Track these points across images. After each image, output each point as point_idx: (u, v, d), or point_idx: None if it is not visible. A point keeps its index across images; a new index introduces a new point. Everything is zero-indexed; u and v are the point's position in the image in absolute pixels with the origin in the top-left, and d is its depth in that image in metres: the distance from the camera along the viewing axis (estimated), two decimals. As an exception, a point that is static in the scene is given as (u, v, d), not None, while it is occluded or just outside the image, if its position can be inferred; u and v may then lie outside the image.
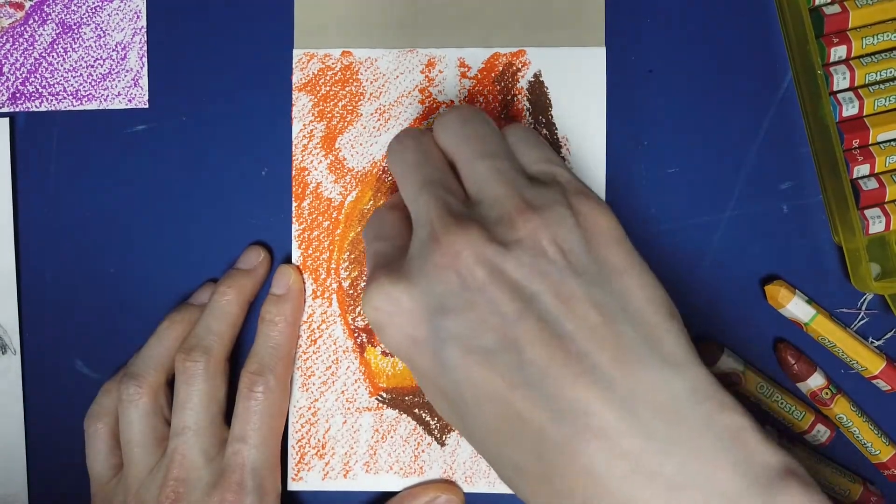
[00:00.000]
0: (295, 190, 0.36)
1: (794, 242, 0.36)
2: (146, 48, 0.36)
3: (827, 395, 0.35)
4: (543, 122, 0.35)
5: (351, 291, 0.36)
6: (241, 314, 0.35)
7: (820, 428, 0.36)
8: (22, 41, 0.37)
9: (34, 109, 0.37)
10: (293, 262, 0.36)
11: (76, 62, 0.37)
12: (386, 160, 0.31)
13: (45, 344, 0.37)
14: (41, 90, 0.37)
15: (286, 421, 0.35)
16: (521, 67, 0.36)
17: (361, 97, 0.36)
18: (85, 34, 0.37)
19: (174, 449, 0.33)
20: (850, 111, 0.34)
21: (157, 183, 0.37)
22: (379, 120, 0.36)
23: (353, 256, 0.36)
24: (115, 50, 0.37)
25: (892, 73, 0.35)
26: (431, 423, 0.35)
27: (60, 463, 0.37)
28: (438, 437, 0.35)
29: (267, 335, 0.34)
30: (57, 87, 0.37)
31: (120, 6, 0.37)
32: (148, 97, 0.37)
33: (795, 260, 0.36)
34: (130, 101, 0.37)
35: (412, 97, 0.36)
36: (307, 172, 0.36)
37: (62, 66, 0.37)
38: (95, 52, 0.37)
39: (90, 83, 0.37)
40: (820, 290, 0.36)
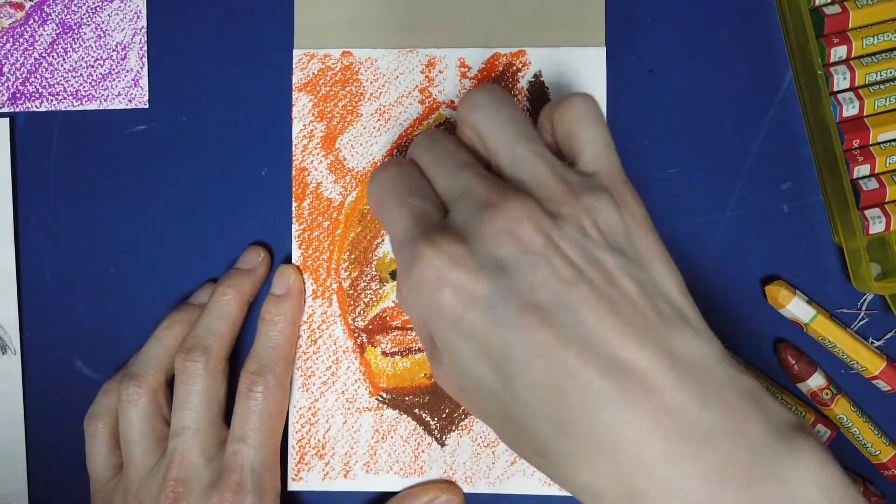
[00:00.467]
0: (295, 190, 0.36)
1: (794, 242, 0.36)
2: (146, 48, 0.37)
3: (827, 395, 0.35)
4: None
5: (351, 291, 0.36)
6: (240, 314, 0.35)
7: (820, 428, 0.36)
8: (22, 41, 0.37)
9: (34, 109, 0.37)
10: (293, 262, 0.36)
11: (76, 62, 0.37)
12: (410, 147, 0.31)
13: (45, 344, 0.37)
14: (41, 90, 0.37)
15: (286, 421, 0.35)
16: (521, 68, 0.36)
17: (361, 97, 0.36)
18: (85, 34, 0.37)
19: (174, 449, 0.33)
20: (850, 111, 0.34)
21: (157, 183, 0.37)
22: (379, 120, 0.36)
23: (353, 257, 0.36)
24: (115, 50, 0.37)
25: (892, 73, 0.35)
26: (432, 423, 0.35)
27: (60, 463, 0.37)
28: (438, 437, 0.35)
29: (267, 335, 0.34)
30: (57, 87, 0.37)
31: (120, 6, 0.37)
32: (148, 97, 0.37)
33: (796, 260, 0.36)
34: (130, 101, 0.37)
35: (412, 97, 0.36)
36: (307, 172, 0.36)
37: (62, 66, 0.37)
38: (95, 52, 0.37)
39: (90, 83, 0.37)
40: (820, 290, 0.36)
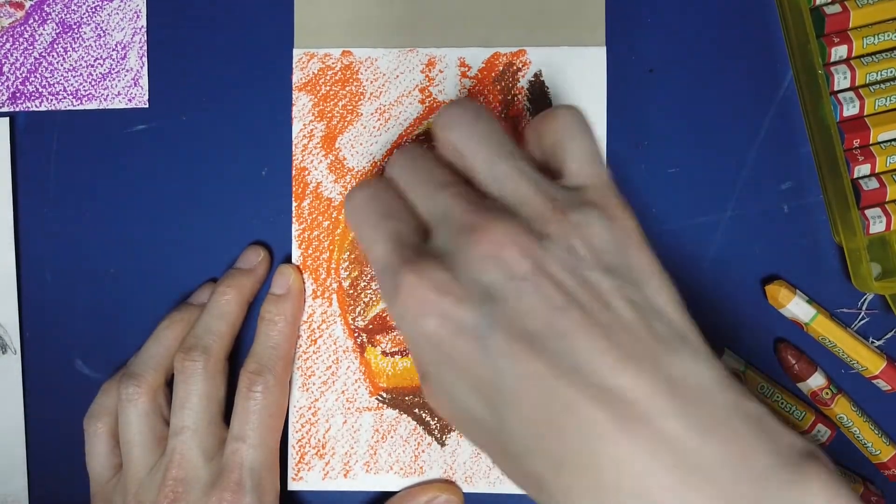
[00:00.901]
0: (295, 190, 0.36)
1: (794, 242, 0.36)
2: (146, 48, 0.36)
3: (827, 395, 0.35)
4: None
5: (351, 291, 0.36)
6: (240, 314, 0.35)
7: (820, 428, 0.36)
8: (22, 41, 0.37)
9: (34, 109, 0.37)
10: (293, 261, 0.36)
11: (76, 62, 0.37)
12: (387, 166, 0.30)
13: (45, 344, 0.37)
14: (41, 90, 0.37)
15: (286, 421, 0.35)
16: (521, 67, 0.36)
17: (361, 97, 0.36)
18: (85, 34, 0.37)
19: (173, 448, 0.33)
20: (850, 111, 0.34)
21: (157, 183, 0.36)
22: (379, 120, 0.36)
23: (353, 256, 0.36)
24: (115, 49, 0.37)
25: (892, 72, 0.35)
26: (432, 423, 0.35)
27: (60, 463, 0.37)
28: (438, 437, 0.35)
29: (266, 335, 0.34)
30: (57, 86, 0.37)
31: (120, 6, 0.37)
32: (148, 97, 0.37)
33: (796, 260, 0.36)
34: (130, 100, 0.37)
35: (412, 97, 0.36)
36: (307, 172, 0.36)
37: (62, 65, 0.37)
38: (95, 51, 0.37)
39: (90, 83, 0.37)
40: (820, 289, 0.36)
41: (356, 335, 0.36)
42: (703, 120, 0.36)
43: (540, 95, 0.36)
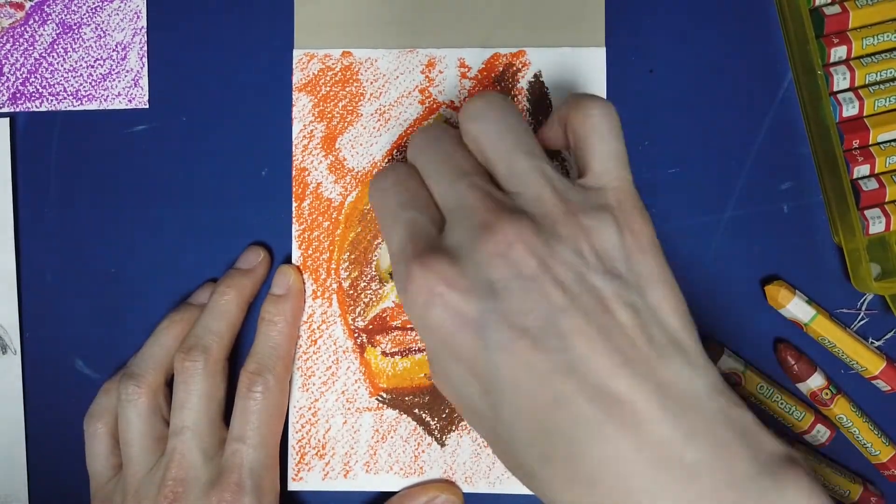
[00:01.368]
0: (295, 190, 0.36)
1: (794, 243, 0.36)
2: (146, 48, 0.37)
3: (827, 395, 0.35)
4: (544, 122, 0.35)
5: (351, 292, 0.36)
6: (240, 314, 0.35)
7: (820, 428, 0.36)
8: (22, 41, 0.37)
9: (34, 109, 0.37)
10: (293, 262, 0.36)
11: (76, 62, 0.37)
12: (409, 145, 0.30)
13: (45, 344, 0.37)
14: (41, 90, 0.37)
15: (286, 421, 0.35)
16: (521, 68, 0.36)
17: (361, 97, 0.36)
18: (85, 34, 0.37)
19: (173, 448, 0.33)
20: (850, 111, 0.34)
21: (157, 183, 0.37)
22: (379, 120, 0.36)
23: (353, 257, 0.36)
24: (115, 50, 0.37)
25: (892, 73, 0.35)
26: (432, 423, 0.35)
27: (60, 463, 0.37)
28: (438, 437, 0.35)
29: (266, 335, 0.34)
30: (57, 87, 0.37)
31: (120, 6, 0.37)
32: (148, 97, 0.37)
33: (795, 260, 0.36)
34: (130, 101, 0.37)
35: (412, 97, 0.36)
36: (307, 173, 0.36)
37: (62, 66, 0.37)
38: (96, 52, 0.37)
39: (90, 83, 0.37)
40: (820, 290, 0.36)
41: (356, 335, 0.36)
42: (703, 120, 0.36)
43: (540, 96, 0.36)
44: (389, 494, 0.35)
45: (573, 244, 0.25)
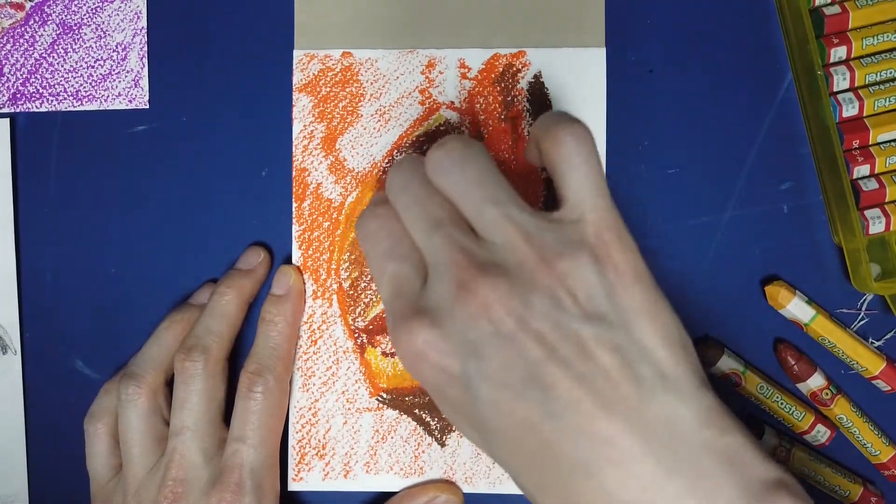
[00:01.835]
0: (295, 190, 0.36)
1: (794, 243, 0.36)
2: (146, 49, 0.37)
3: (827, 395, 0.35)
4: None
5: (351, 292, 0.36)
6: (240, 314, 0.35)
7: (820, 428, 0.36)
8: (22, 42, 0.37)
9: (34, 110, 0.37)
10: (293, 262, 0.36)
11: (76, 63, 0.37)
12: (386, 183, 0.30)
13: (45, 344, 0.37)
14: (41, 91, 0.37)
15: (286, 421, 0.35)
16: (521, 68, 0.36)
17: (362, 98, 0.36)
18: (85, 35, 0.37)
19: (173, 449, 0.33)
20: (850, 112, 0.34)
21: (157, 184, 0.37)
22: (379, 121, 0.36)
23: (353, 257, 0.36)
24: (115, 50, 0.37)
25: (892, 73, 0.35)
26: (432, 423, 0.35)
27: (60, 463, 0.37)
28: (439, 437, 0.35)
29: (266, 335, 0.34)
30: (57, 87, 0.37)
31: (120, 7, 0.37)
32: (148, 98, 0.37)
33: (795, 260, 0.36)
34: (131, 101, 0.37)
35: (412, 98, 0.36)
36: (307, 173, 0.36)
37: (63, 66, 0.37)
38: (96, 52, 0.37)
39: (90, 84, 0.37)
40: (820, 290, 0.36)
41: (356, 336, 0.36)
42: (703, 120, 0.36)
43: (540, 97, 0.36)
44: (389, 495, 0.35)
45: (550, 293, 0.25)
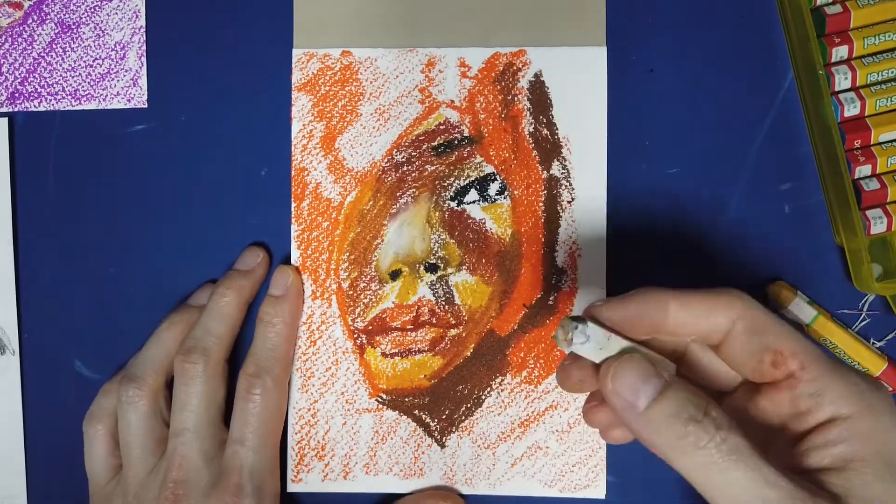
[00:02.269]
0: (294, 190, 0.36)
1: (795, 243, 0.36)
2: (145, 48, 0.36)
3: (828, 396, 0.35)
4: (544, 122, 0.35)
5: (350, 292, 0.36)
6: (239, 316, 0.35)
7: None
8: (21, 41, 0.37)
9: (33, 109, 0.36)
10: (292, 262, 0.36)
11: (75, 62, 0.36)
12: None
13: (44, 344, 0.37)
14: (40, 90, 0.36)
15: (285, 422, 0.35)
16: (521, 67, 0.36)
17: (361, 97, 0.36)
18: (84, 34, 0.36)
19: (173, 450, 0.33)
20: (851, 111, 0.34)
21: (156, 183, 0.36)
22: (379, 120, 0.36)
23: (352, 257, 0.36)
24: (113, 49, 0.36)
25: (893, 73, 0.34)
26: (431, 424, 0.35)
27: (59, 463, 0.37)
28: (438, 438, 0.35)
29: (265, 336, 0.34)
30: (56, 86, 0.36)
31: (119, 6, 0.36)
32: (147, 97, 0.36)
33: (797, 261, 0.36)
34: (129, 100, 0.36)
35: (412, 97, 0.36)
36: (307, 173, 0.36)
37: (61, 65, 0.36)
38: (94, 51, 0.36)
39: (89, 83, 0.36)
40: (821, 290, 0.36)
41: (356, 336, 0.36)
42: (703, 120, 0.36)
43: (540, 96, 0.35)
44: (389, 496, 0.35)
45: None
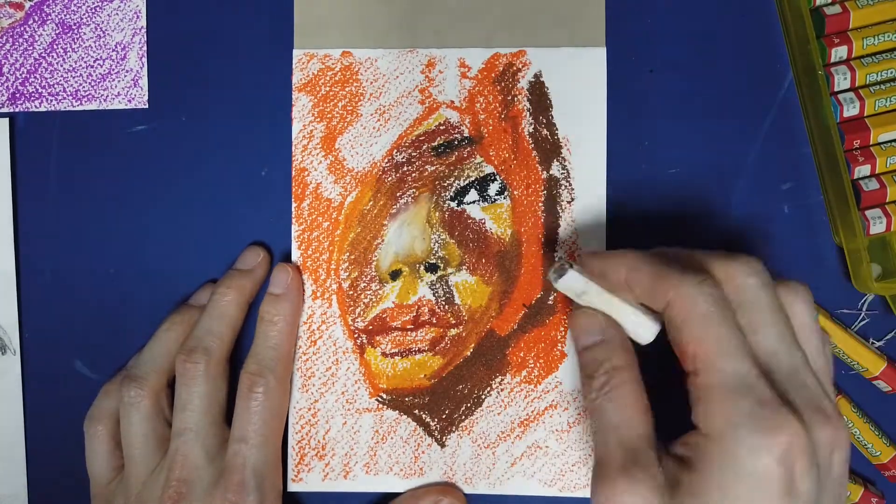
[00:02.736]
0: (295, 190, 0.36)
1: (794, 243, 0.36)
2: (146, 48, 0.36)
3: (827, 395, 0.35)
4: (544, 122, 0.35)
5: (351, 292, 0.36)
6: (240, 315, 0.35)
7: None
8: (22, 41, 0.37)
9: (34, 110, 0.37)
10: (293, 262, 0.36)
11: (76, 62, 0.37)
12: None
13: (44, 344, 0.37)
14: (41, 90, 0.36)
15: (286, 421, 0.35)
16: (521, 68, 0.36)
17: (361, 97, 0.36)
18: (85, 34, 0.37)
19: (176, 450, 0.33)
20: (850, 112, 0.34)
21: (156, 183, 0.36)
22: (379, 120, 0.36)
23: (352, 257, 0.36)
24: (114, 50, 0.37)
25: (892, 73, 0.35)
26: (431, 423, 0.35)
27: (60, 463, 0.37)
28: (438, 437, 0.35)
29: (266, 335, 0.34)
30: (57, 87, 0.36)
31: (120, 6, 0.37)
32: (148, 97, 0.36)
33: (796, 260, 0.36)
34: (130, 101, 0.36)
35: (412, 97, 0.36)
36: (307, 173, 0.36)
37: (62, 66, 0.37)
38: (95, 52, 0.37)
39: (90, 83, 0.37)
40: (820, 290, 0.36)
41: (356, 336, 0.36)
42: (703, 119, 0.36)
43: (540, 96, 0.36)
44: (389, 495, 0.35)
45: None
